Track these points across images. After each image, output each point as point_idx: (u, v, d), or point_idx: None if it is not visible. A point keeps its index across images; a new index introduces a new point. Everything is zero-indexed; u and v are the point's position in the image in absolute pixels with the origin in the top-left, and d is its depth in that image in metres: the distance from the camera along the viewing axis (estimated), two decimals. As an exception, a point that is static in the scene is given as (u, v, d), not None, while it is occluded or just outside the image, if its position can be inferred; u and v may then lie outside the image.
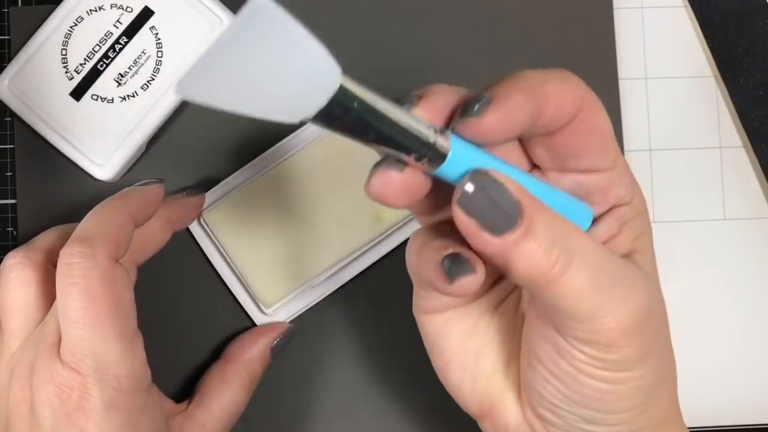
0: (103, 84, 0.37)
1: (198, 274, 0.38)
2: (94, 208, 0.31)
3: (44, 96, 0.37)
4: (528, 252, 0.23)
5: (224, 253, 0.37)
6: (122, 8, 0.37)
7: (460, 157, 0.23)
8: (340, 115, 0.20)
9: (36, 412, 0.29)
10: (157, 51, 0.37)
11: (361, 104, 0.21)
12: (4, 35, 0.39)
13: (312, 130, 0.37)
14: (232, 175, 0.37)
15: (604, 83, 0.39)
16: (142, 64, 0.37)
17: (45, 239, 0.33)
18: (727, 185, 0.40)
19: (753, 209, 0.40)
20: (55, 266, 0.31)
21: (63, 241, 0.32)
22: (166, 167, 0.38)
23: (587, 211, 0.26)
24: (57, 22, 0.37)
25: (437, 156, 0.23)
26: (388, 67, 0.39)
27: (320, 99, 0.20)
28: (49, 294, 0.32)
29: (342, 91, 0.20)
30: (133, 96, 0.37)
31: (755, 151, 0.39)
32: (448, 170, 0.23)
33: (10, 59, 0.38)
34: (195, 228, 0.37)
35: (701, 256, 0.40)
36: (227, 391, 0.34)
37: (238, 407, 0.34)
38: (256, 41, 0.19)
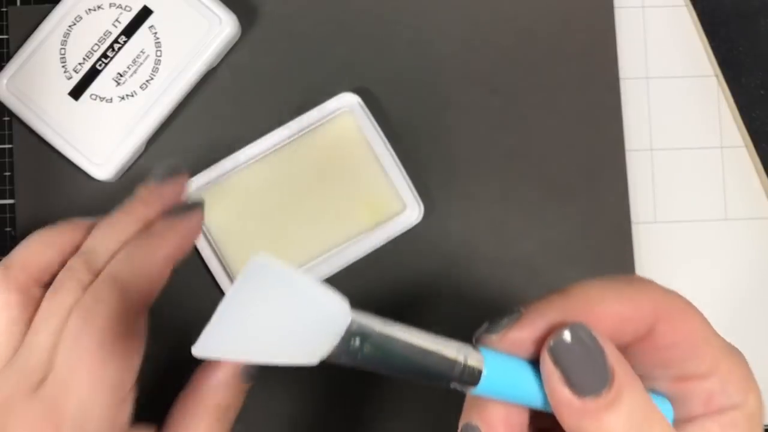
0: (102, 83, 0.37)
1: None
2: (135, 246, 0.29)
3: (43, 95, 0.37)
4: (606, 426, 0.21)
5: (209, 236, 0.37)
6: (121, 7, 0.37)
7: (497, 374, 0.22)
8: (358, 349, 0.20)
9: None
10: (156, 50, 0.37)
11: (377, 337, 0.21)
12: (3, 35, 0.39)
13: (305, 121, 0.37)
14: (225, 159, 0.37)
15: (605, 83, 0.39)
16: (141, 63, 0.37)
17: (27, 253, 0.30)
18: (728, 185, 0.40)
19: (754, 209, 0.40)
20: (40, 284, 0.30)
21: (51, 253, 0.29)
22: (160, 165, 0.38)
23: (668, 410, 0.23)
24: (55, 21, 0.37)
25: (471, 377, 0.21)
26: (388, 67, 0.39)
27: (333, 339, 0.20)
28: (27, 320, 0.29)
29: (355, 328, 0.20)
30: (132, 95, 0.37)
31: (757, 150, 0.39)
32: (488, 387, 0.22)
33: (8, 59, 0.38)
34: None
35: (702, 255, 0.40)
36: (194, 426, 0.30)
37: None
38: (262, 296, 0.20)
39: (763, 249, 0.40)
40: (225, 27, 0.37)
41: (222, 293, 0.37)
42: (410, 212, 0.37)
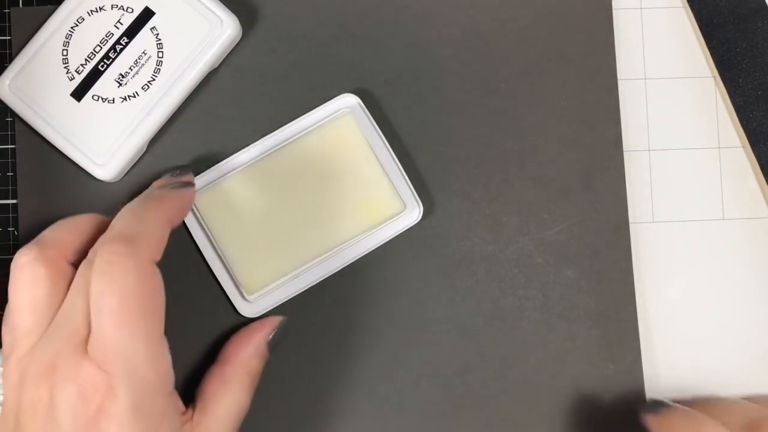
0: (104, 84, 0.37)
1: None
2: (133, 207, 0.31)
3: (45, 96, 0.37)
4: None
5: (210, 237, 0.37)
6: (123, 9, 0.37)
7: None
8: None
9: (54, 413, 0.28)
10: (158, 51, 0.37)
11: None
12: (5, 35, 0.39)
13: (305, 121, 0.38)
14: (225, 160, 0.38)
15: (604, 83, 0.39)
16: (143, 64, 0.37)
17: (56, 234, 0.33)
18: (726, 185, 0.40)
19: (752, 209, 0.40)
20: (69, 262, 0.32)
21: (76, 235, 0.32)
22: (167, 167, 0.38)
23: None
24: (58, 22, 0.37)
25: None
26: (388, 69, 0.39)
27: None
28: (60, 293, 0.31)
29: None
30: (134, 96, 0.37)
31: (754, 151, 0.39)
32: None
33: (11, 60, 0.38)
34: None
35: (700, 255, 0.40)
36: (229, 394, 0.34)
37: (242, 408, 0.34)
38: None
39: (760, 249, 0.40)
40: (226, 28, 0.37)
41: (225, 295, 0.37)
42: (410, 212, 0.37)
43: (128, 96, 0.37)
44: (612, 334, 0.38)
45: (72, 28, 0.37)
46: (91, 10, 0.37)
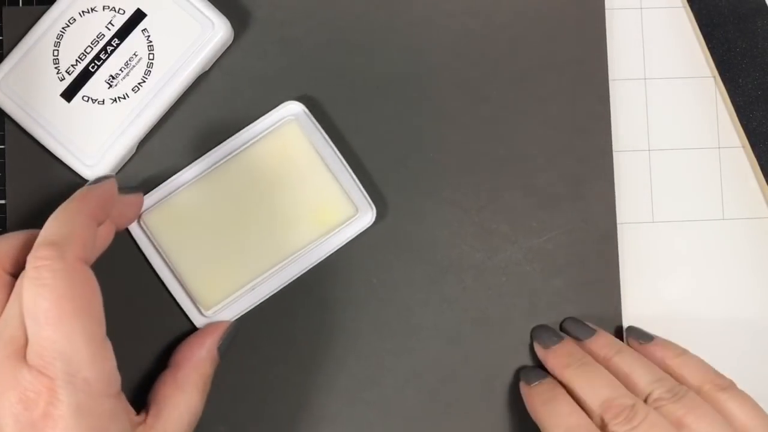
0: (95, 85, 0.37)
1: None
2: (56, 212, 0.31)
3: (35, 96, 0.37)
4: None
5: (164, 255, 0.37)
6: (114, 10, 0.37)
7: None
8: None
9: None
10: (149, 53, 0.37)
11: None
12: (-3, 34, 0.39)
13: (250, 132, 0.38)
14: (174, 176, 0.37)
15: (594, 91, 0.39)
16: (134, 66, 0.37)
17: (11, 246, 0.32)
18: (725, 185, 0.40)
19: (752, 209, 0.40)
20: (8, 273, 0.31)
21: (15, 247, 0.31)
22: (156, 169, 0.38)
23: None
24: (49, 22, 0.37)
25: None
26: (381, 75, 0.39)
27: None
28: (3, 301, 0.31)
29: None
30: (124, 98, 0.37)
31: (754, 151, 0.39)
32: None
33: (1, 59, 0.38)
34: (135, 230, 0.37)
35: (700, 255, 0.40)
36: (183, 398, 0.34)
37: (197, 411, 0.34)
38: None
39: (760, 249, 0.40)
40: (218, 31, 0.37)
41: (182, 311, 0.37)
42: (363, 216, 0.37)
43: (118, 97, 0.37)
44: (599, 344, 0.38)
45: (63, 28, 0.37)
46: (83, 11, 0.37)
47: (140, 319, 0.37)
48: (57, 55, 0.37)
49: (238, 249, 0.36)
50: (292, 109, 0.38)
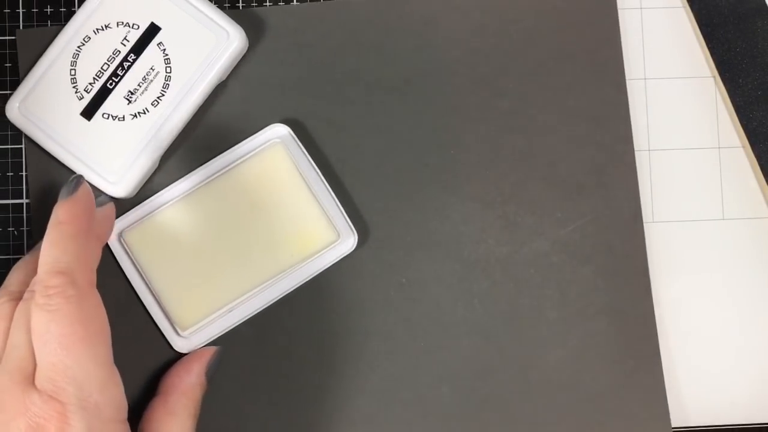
0: (114, 102, 0.37)
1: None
2: (52, 239, 0.30)
3: (55, 117, 0.37)
4: None
5: (142, 273, 0.37)
6: (129, 25, 0.37)
7: None
8: None
9: None
10: (166, 66, 0.37)
11: None
12: (7, 63, 0.39)
13: (235, 154, 0.38)
14: (157, 194, 0.37)
15: (612, 81, 0.39)
16: (152, 80, 0.37)
17: (15, 277, 0.33)
18: (725, 185, 0.40)
19: (752, 209, 0.40)
20: (12, 298, 0.31)
21: (11, 275, 0.32)
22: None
23: None
24: (64, 42, 0.37)
25: None
26: (394, 74, 0.39)
27: None
28: (5, 329, 0.30)
29: None
30: (144, 113, 0.37)
31: (754, 151, 0.39)
32: None
33: (18, 81, 0.38)
34: (116, 247, 0.37)
35: (700, 255, 0.40)
36: (177, 423, 0.34)
37: None
38: None
39: (760, 249, 0.40)
40: (233, 41, 0.37)
41: (159, 331, 0.37)
42: (344, 241, 0.37)
43: (138, 113, 0.37)
44: (630, 330, 0.38)
45: (79, 47, 0.37)
46: (97, 29, 0.37)
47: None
48: (74, 75, 0.37)
49: (217, 270, 0.36)
50: (278, 131, 0.38)
